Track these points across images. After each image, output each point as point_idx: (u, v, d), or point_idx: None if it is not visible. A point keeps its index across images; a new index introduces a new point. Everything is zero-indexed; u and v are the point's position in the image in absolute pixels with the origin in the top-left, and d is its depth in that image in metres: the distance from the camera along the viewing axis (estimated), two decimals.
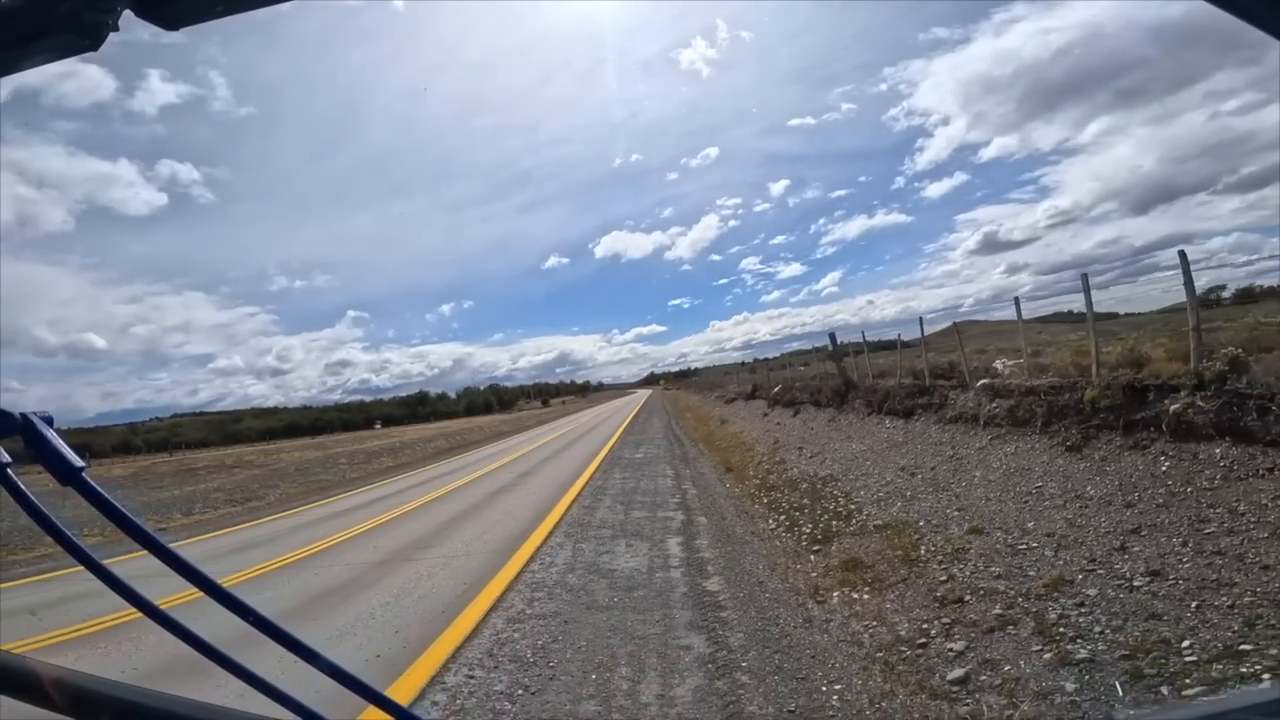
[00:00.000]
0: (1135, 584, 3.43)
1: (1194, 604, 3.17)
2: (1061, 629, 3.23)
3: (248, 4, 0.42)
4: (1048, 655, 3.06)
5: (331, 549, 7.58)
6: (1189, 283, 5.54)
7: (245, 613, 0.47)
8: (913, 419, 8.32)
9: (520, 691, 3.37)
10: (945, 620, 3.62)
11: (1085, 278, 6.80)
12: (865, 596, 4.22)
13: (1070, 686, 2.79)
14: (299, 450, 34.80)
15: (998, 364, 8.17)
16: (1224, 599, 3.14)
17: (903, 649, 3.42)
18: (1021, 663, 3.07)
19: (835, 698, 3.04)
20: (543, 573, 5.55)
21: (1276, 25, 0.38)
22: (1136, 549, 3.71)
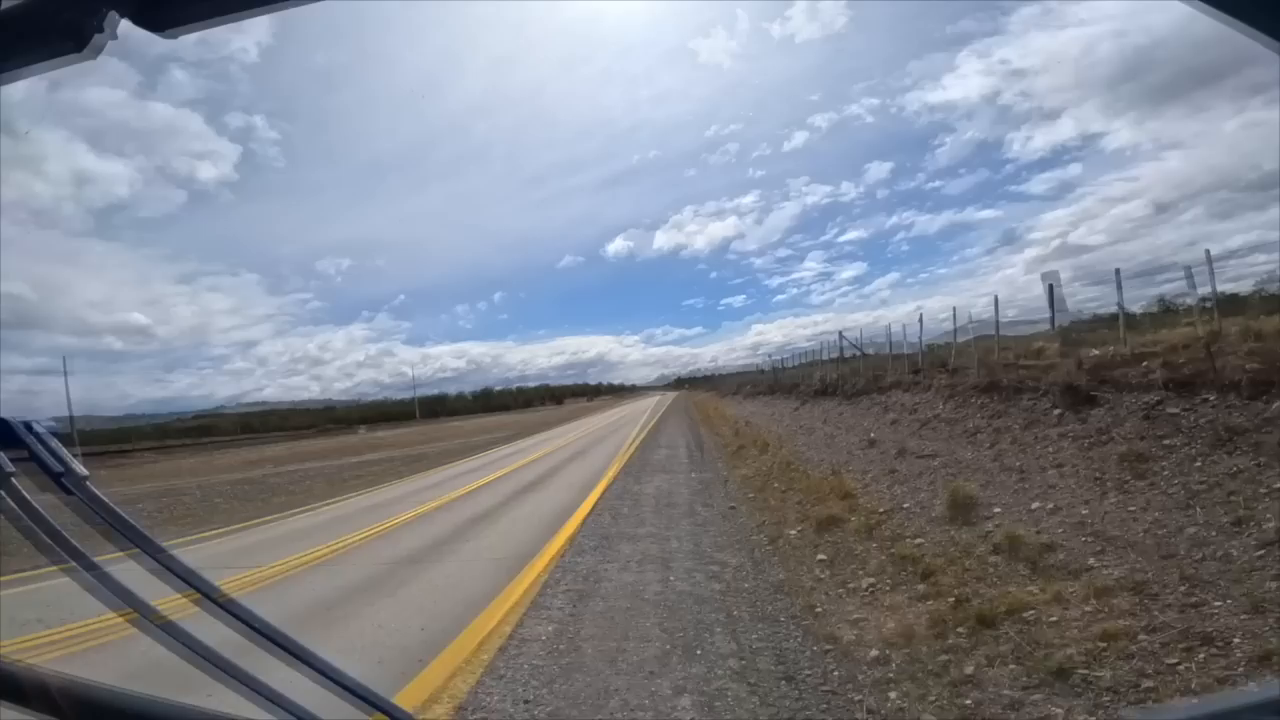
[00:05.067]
0: (815, 437, 13.32)
1: (813, 441, 12.99)
2: (786, 453, 13.10)
3: (240, 10, 0.43)
4: (779, 460, 12.95)
5: (546, 456, 17.68)
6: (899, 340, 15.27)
7: (239, 616, 0.48)
8: (790, 397, 18.20)
9: (641, 471, 13.33)
10: (766, 456, 13.49)
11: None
12: (745, 452, 14.16)
13: (777, 462, 12.65)
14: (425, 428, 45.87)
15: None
16: (834, 444, 12.96)
17: (745, 459, 13.33)
18: (766, 460, 12.94)
19: (720, 466, 12.95)
20: (638, 452, 15.56)
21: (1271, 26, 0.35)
22: (815, 427, 13.54)
